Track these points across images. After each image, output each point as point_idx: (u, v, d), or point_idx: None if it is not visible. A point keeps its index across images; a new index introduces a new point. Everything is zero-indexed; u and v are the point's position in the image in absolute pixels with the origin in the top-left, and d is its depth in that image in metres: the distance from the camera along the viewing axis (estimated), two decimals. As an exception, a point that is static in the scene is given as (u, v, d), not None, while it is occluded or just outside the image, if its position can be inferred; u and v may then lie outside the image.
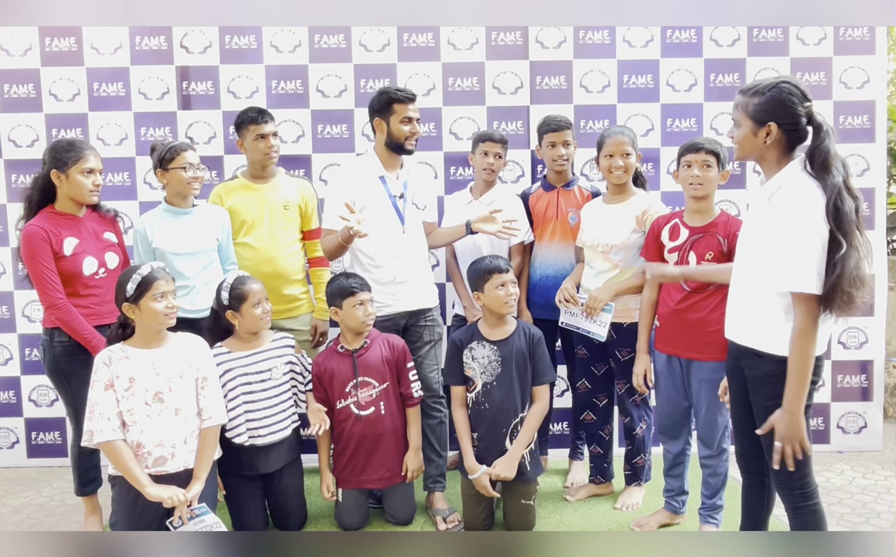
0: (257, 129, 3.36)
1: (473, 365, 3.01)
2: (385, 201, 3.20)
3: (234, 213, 3.40)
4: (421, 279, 3.28)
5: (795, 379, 2.12)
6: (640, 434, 3.32)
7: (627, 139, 3.19)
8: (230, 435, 2.91)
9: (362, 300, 3.03)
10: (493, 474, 2.95)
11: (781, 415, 2.15)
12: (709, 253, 2.82)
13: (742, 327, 2.33)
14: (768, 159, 2.24)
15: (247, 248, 3.40)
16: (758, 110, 2.19)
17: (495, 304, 2.97)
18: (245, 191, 3.44)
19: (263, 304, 2.97)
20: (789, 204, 2.10)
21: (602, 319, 3.20)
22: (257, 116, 3.37)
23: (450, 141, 4.00)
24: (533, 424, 3.03)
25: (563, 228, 3.53)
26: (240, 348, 2.98)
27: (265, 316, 2.97)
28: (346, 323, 3.05)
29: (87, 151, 3.00)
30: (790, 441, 2.14)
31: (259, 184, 3.45)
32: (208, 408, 2.70)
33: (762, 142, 2.19)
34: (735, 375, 2.44)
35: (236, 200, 3.42)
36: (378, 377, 3.09)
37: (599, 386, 3.42)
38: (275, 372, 2.99)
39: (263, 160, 3.41)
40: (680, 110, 4.00)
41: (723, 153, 2.87)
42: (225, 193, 3.45)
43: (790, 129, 2.16)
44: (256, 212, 3.41)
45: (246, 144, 3.40)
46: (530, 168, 4.03)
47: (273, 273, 3.38)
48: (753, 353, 2.28)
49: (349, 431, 3.09)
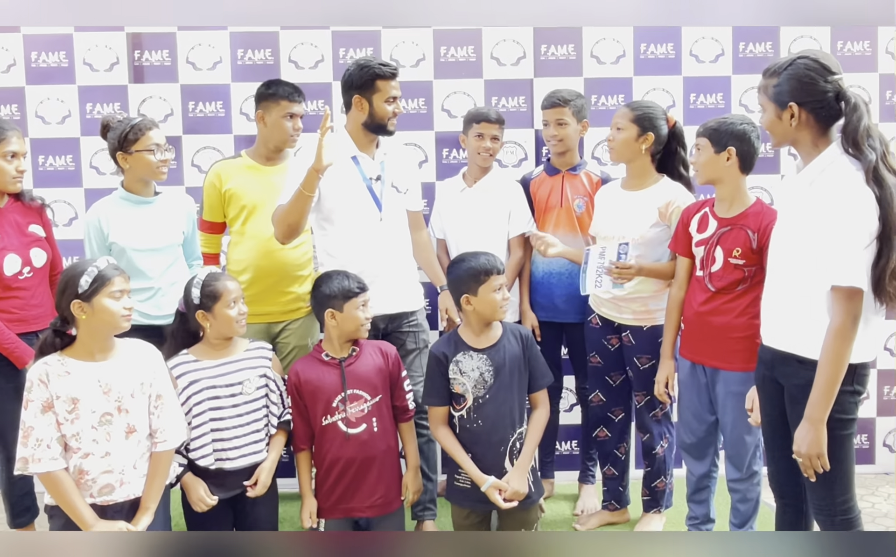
0: (289, 107, 3.39)
1: (463, 380, 2.97)
2: (358, 184, 3.22)
3: (233, 197, 3.42)
4: (402, 276, 3.31)
5: (823, 384, 2.19)
6: (660, 454, 3.37)
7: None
8: (194, 457, 2.89)
9: (364, 301, 3.05)
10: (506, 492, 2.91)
11: (803, 425, 2.24)
12: (736, 249, 2.87)
13: (780, 331, 2.38)
14: (802, 143, 2.32)
15: (245, 238, 3.43)
16: (777, 92, 2.29)
17: (489, 309, 2.95)
18: (250, 172, 3.47)
19: (239, 305, 2.96)
20: (830, 190, 2.18)
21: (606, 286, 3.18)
22: (293, 92, 3.41)
23: (442, 119, 4.04)
24: (537, 433, 3.04)
25: (567, 217, 3.59)
26: (209, 356, 2.96)
27: (241, 319, 2.95)
28: (342, 328, 3.04)
29: (8, 132, 2.99)
30: (807, 455, 2.23)
31: (266, 165, 3.49)
32: (162, 428, 2.66)
33: (788, 125, 2.28)
34: (768, 386, 2.50)
35: (237, 182, 3.44)
36: (370, 389, 3.07)
37: (615, 399, 3.47)
38: (247, 385, 2.97)
39: (285, 142, 3.45)
40: (705, 84, 4.05)
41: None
42: (224, 173, 3.46)
43: (816, 107, 2.25)
44: (259, 197, 3.41)
45: (268, 120, 3.42)
46: (534, 150, 4.07)
47: (273, 268, 3.41)
48: (794, 359, 2.33)
49: (336, 452, 3.05)
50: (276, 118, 3.41)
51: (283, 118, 3.41)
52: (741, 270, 2.87)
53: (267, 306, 3.42)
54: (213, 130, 4.00)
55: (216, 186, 3.46)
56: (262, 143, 3.50)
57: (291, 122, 3.42)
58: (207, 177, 3.50)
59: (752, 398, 2.75)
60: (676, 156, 3.31)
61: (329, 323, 3.06)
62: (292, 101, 3.41)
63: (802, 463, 2.27)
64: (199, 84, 3.94)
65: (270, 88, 3.43)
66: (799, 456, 2.28)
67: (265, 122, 3.44)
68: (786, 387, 2.40)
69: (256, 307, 3.31)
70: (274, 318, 3.46)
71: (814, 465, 2.25)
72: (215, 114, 4.00)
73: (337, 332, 3.07)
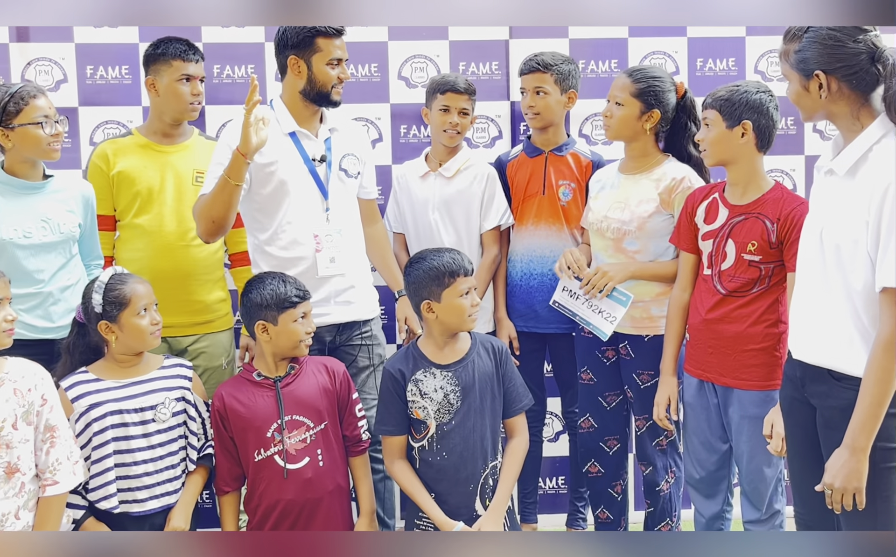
0: (183, 68, 3.37)
1: (423, 403, 2.99)
2: (298, 167, 3.22)
3: (125, 181, 3.40)
4: (353, 279, 3.31)
5: (868, 406, 2.19)
6: (665, 491, 3.37)
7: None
8: (94, 498, 2.87)
9: (304, 313, 3.04)
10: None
11: (840, 453, 2.23)
12: (751, 243, 2.88)
13: (812, 342, 2.39)
14: (839, 115, 2.31)
15: (140, 233, 3.42)
16: (800, 59, 2.30)
17: (455, 318, 2.96)
18: (143, 152, 3.45)
19: (152, 312, 2.94)
20: (876, 174, 2.17)
21: (610, 310, 3.22)
22: (186, 50, 3.38)
23: (399, 89, 4.03)
24: (515, 467, 3.06)
25: (551, 207, 3.60)
26: (114, 374, 2.95)
27: (154, 330, 2.94)
28: (277, 344, 3.04)
29: None
30: (842, 490, 2.22)
31: (164, 144, 3.47)
32: (52, 467, 2.66)
33: (818, 97, 2.28)
34: (797, 408, 2.50)
35: (129, 163, 3.41)
36: (313, 414, 3.08)
37: (609, 425, 3.47)
38: (161, 411, 2.95)
39: (183, 112, 3.43)
40: (714, 47, 4.08)
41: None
42: (113, 153, 3.43)
43: (848, 74, 2.24)
44: (157, 182, 3.40)
45: (159, 86, 3.40)
46: (510, 126, 4.08)
47: (177, 271, 3.39)
48: (829, 375, 2.33)
49: (273, 494, 3.05)
50: (168, 83, 3.39)
51: (178, 82, 3.38)
52: (757, 267, 2.88)
53: (168, 318, 3.34)
54: (117, 100, 3.92)
55: (103, 169, 3.42)
56: (155, 116, 3.49)
57: (189, 86, 3.40)
58: (91, 159, 3.47)
59: (771, 422, 2.77)
60: (686, 132, 3.32)
61: (261, 338, 3.06)
62: (186, 60, 3.38)
63: (831, 497, 2.27)
64: (99, 43, 3.89)
65: (159, 47, 3.41)
66: (830, 489, 2.27)
67: (156, 89, 3.42)
68: (818, 409, 2.40)
69: None
70: (176, 332, 3.43)
71: (846, 502, 2.24)
72: (119, 80, 3.92)
73: (270, 348, 3.06)
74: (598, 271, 3.21)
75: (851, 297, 2.25)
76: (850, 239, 2.24)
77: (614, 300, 3.21)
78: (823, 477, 2.28)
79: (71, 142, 3.82)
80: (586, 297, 3.26)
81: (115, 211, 3.47)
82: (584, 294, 3.26)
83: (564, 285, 3.35)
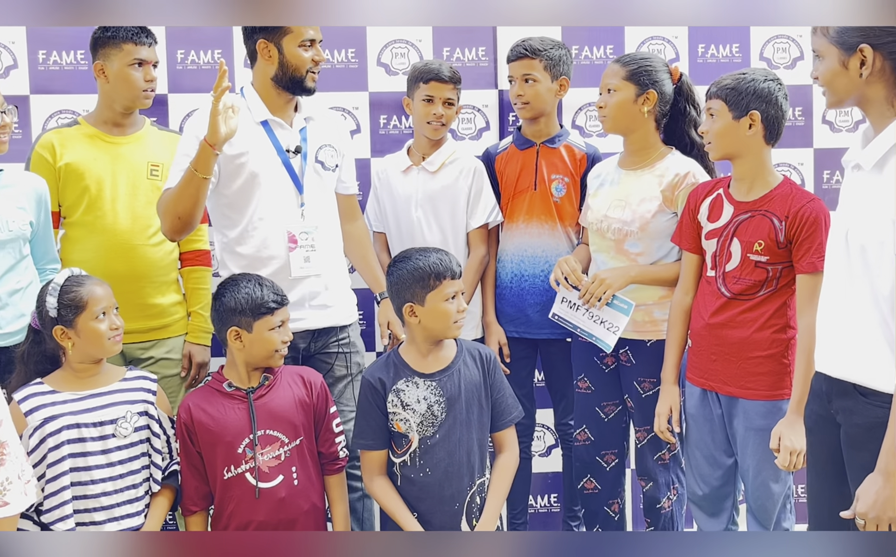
0: (135, 51, 3.38)
1: (405, 415, 3.00)
2: (271, 159, 3.24)
3: (73, 175, 3.41)
4: (329, 281, 3.33)
5: None
6: (666, 509, 3.41)
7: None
8: (48, 520, 2.86)
9: (282, 320, 3.05)
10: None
11: (874, 479, 2.21)
12: (758, 242, 2.90)
13: (838, 354, 2.38)
14: (873, 100, 2.30)
15: (90, 231, 3.43)
16: (843, 31, 2.26)
17: (440, 324, 2.98)
18: (91, 143, 3.46)
19: (111, 316, 2.94)
20: None
21: (612, 320, 3.24)
22: (138, 32, 3.38)
23: (378, 77, 4.05)
24: (504, 483, 3.08)
25: (543, 203, 3.64)
26: (71, 386, 2.95)
27: (114, 336, 2.94)
28: (250, 353, 3.05)
29: None
30: (877, 519, 2.20)
31: (115, 134, 3.48)
32: (1, 487, 2.58)
33: (857, 76, 2.26)
34: (821, 425, 2.48)
35: (76, 154, 3.42)
36: (288, 429, 3.08)
37: (607, 438, 3.51)
38: (122, 425, 2.96)
39: (135, 100, 3.44)
40: (717, 32, 4.11)
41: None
42: (59, 143, 3.44)
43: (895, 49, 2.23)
44: (108, 175, 3.41)
45: (109, 71, 3.40)
46: (497, 117, 4.10)
47: (131, 273, 3.40)
48: (854, 390, 2.32)
49: (244, 514, 3.04)
50: (119, 68, 3.39)
51: (129, 67, 3.39)
52: (764, 268, 2.91)
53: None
54: (72, 88, 3.91)
55: (48, 161, 3.42)
56: (105, 104, 3.49)
57: (141, 71, 3.40)
58: (35, 150, 3.46)
59: (778, 435, 2.80)
60: (686, 117, 3.36)
61: (233, 345, 3.05)
62: (138, 43, 3.39)
63: (864, 527, 2.25)
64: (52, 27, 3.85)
65: (108, 29, 3.40)
66: (863, 519, 2.24)
67: (106, 75, 3.42)
68: (843, 426, 2.40)
69: None
70: (132, 338, 3.39)
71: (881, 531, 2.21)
72: (75, 66, 3.92)
73: (243, 357, 3.06)
74: (595, 279, 3.24)
75: (879, 303, 2.25)
76: (876, 240, 2.23)
77: (615, 309, 3.23)
78: (856, 505, 2.26)
79: (22, 133, 3.82)
80: (586, 307, 3.28)
81: (61, 207, 3.48)
82: (585, 306, 3.28)
83: (563, 297, 3.38)
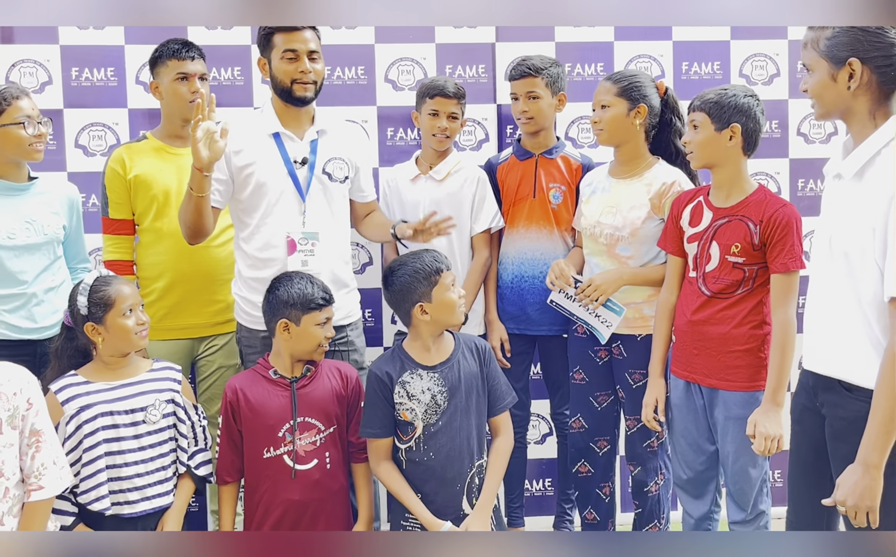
0: (179, 66, 3.49)
1: (411, 405, 3.09)
2: (277, 169, 3.34)
3: (142, 186, 3.53)
4: (334, 282, 3.38)
5: (881, 420, 2.24)
6: (653, 492, 3.56)
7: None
8: (85, 501, 2.94)
9: (328, 317, 3.17)
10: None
11: (854, 469, 2.29)
12: (735, 245, 3.01)
13: (823, 352, 2.50)
14: (857, 113, 2.37)
15: (159, 236, 3.55)
16: (833, 46, 2.33)
17: (448, 313, 3.08)
18: (157, 155, 3.57)
19: (138, 313, 3.02)
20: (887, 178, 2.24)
21: (606, 317, 3.38)
22: (181, 48, 3.50)
23: (386, 92, 4.18)
24: (501, 464, 3.20)
25: (542, 210, 3.77)
26: (103, 377, 3.03)
27: (140, 330, 3.01)
28: (296, 345, 3.15)
29: None
30: (855, 508, 2.28)
31: (177, 146, 3.61)
32: (38, 472, 2.65)
33: (845, 88, 2.33)
34: (806, 417, 2.61)
35: (144, 167, 3.55)
36: (325, 418, 3.20)
37: (600, 425, 3.64)
38: (152, 413, 3.06)
39: (184, 111, 3.53)
40: (699, 50, 4.27)
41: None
42: (129, 157, 3.56)
43: (883, 65, 2.30)
44: (173, 184, 3.54)
45: (161, 88, 3.56)
46: (496, 129, 4.25)
47: (196, 272, 3.56)
48: (840, 386, 2.42)
49: (277, 493, 3.14)
50: (168, 84, 3.52)
51: (175, 81, 3.51)
52: (741, 269, 3.02)
53: (189, 319, 3.54)
54: (102, 102, 4.01)
55: (120, 174, 3.54)
56: (165, 119, 3.63)
57: (186, 84, 3.51)
58: (108, 164, 3.57)
59: (753, 422, 2.91)
60: (671, 128, 3.50)
61: (280, 336, 3.15)
62: (181, 58, 3.50)
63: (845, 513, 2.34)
64: (84, 45, 3.98)
65: (158, 49, 3.54)
66: (843, 506, 2.32)
67: (160, 92, 3.57)
68: (828, 419, 2.49)
69: (176, 321, 3.48)
70: (198, 332, 3.61)
71: (859, 520, 2.30)
72: (105, 83, 4.02)
73: (289, 348, 3.17)
74: (590, 283, 3.37)
75: (862, 306, 2.33)
76: (857, 247, 2.31)
77: (609, 309, 3.38)
78: (835, 493, 2.33)
79: (56, 144, 3.95)
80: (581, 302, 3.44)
81: (134, 215, 3.59)
82: (580, 301, 3.43)
83: (560, 290, 3.51)
